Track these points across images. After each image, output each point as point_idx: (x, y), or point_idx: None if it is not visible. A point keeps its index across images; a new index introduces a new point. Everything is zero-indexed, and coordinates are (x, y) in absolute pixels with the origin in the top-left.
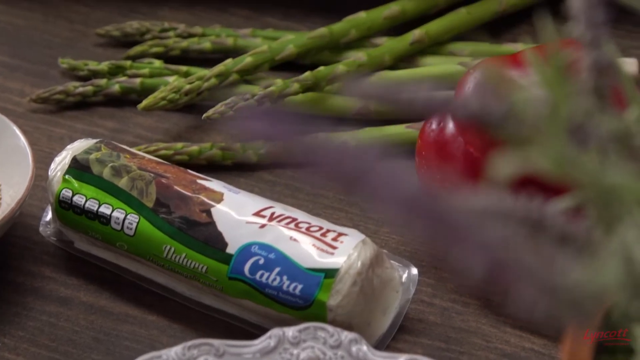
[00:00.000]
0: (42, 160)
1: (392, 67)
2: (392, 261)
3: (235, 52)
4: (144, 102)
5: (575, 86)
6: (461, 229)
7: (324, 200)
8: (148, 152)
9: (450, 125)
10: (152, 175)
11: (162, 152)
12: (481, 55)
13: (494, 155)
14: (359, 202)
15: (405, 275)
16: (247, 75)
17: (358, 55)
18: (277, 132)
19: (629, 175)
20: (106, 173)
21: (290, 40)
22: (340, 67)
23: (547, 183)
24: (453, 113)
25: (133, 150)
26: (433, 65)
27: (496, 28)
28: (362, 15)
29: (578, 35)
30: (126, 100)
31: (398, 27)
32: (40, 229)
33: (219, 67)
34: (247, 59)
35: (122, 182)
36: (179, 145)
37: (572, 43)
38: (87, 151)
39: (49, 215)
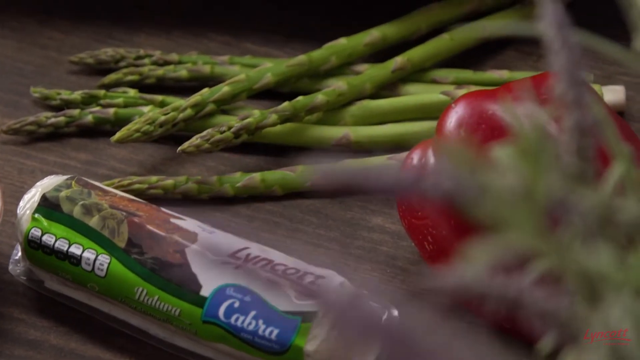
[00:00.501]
0: (13, 195)
1: (374, 95)
2: (372, 302)
3: (212, 79)
4: (118, 135)
5: (553, 156)
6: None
7: (302, 235)
8: (121, 186)
9: (432, 162)
10: (124, 214)
11: (136, 185)
12: (465, 82)
13: (470, 242)
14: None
15: (385, 317)
16: (224, 105)
17: (338, 84)
18: None
19: (612, 259)
20: (76, 212)
21: (268, 69)
22: (319, 97)
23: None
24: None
25: (105, 187)
26: (415, 95)
27: (480, 54)
28: (342, 41)
29: (560, 94)
30: (100, 131)
31: (379, 52)
32: (10, 267)
33: (195, 98)
34: (224, 89)
35: (93, 221)
36: (154, 179)
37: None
38: (57, 188)
39: (18, 254)
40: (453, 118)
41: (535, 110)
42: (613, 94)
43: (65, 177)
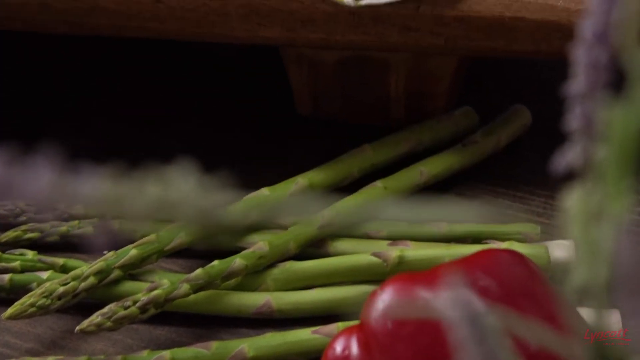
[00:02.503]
0: None
1: (298, 255)
2: None
3: (120, 236)
4: (9, 311)
5: None
6: None
7: None
8: None
9: (355, 351)
10: None
11: None
12: (400, 237)
13: None
14: None
15: None
16: (132, 270)
17: (259, 245)
18: None
19: None
20: None
21: (181, 227)
22: (237, 261)
23: None
24: None
25: None
26: (344, 256)
27: (418, 200)
28: (264, 193)
29: None
30: None
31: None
32: None
33: (99, 264)
34: (131, 252)
35: None
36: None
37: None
38: None
39: None
40: (379, 307)
41: (469, 301)
42: (561, 249)
43: None
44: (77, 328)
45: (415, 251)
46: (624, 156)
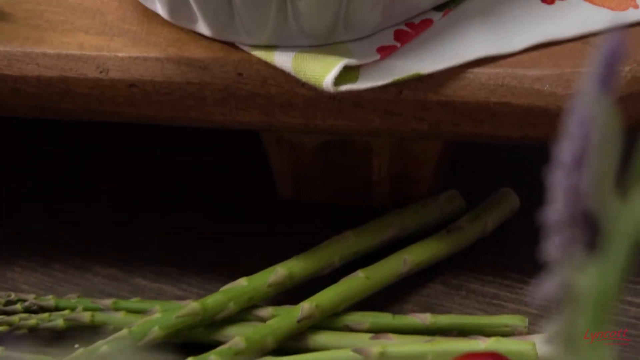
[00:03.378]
0: None
1: (277, 350)
2: None
3: (92, 329)
4: None
5: None
6: None
7: None
8: None
9: None
10: None
11: None
12: (382, 330)
13: None
14: None
15: None
16: None
17: (235, 341)
18: None
19: None
20: None
21: (155, 321)
22: (212, 358)
23: None
24: None
25: None
26: (322, 352)
27: (400, 290)
28: (242, 283)
29: None
30: None
31: (286, 291)
32: None
33: None
34: (102, 348)
35: None
36: None
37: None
38: None
39: None
40: None
41: None
42: (543, 344)
43: None
44: None
45: (398, 347)
46: (598, 313)
